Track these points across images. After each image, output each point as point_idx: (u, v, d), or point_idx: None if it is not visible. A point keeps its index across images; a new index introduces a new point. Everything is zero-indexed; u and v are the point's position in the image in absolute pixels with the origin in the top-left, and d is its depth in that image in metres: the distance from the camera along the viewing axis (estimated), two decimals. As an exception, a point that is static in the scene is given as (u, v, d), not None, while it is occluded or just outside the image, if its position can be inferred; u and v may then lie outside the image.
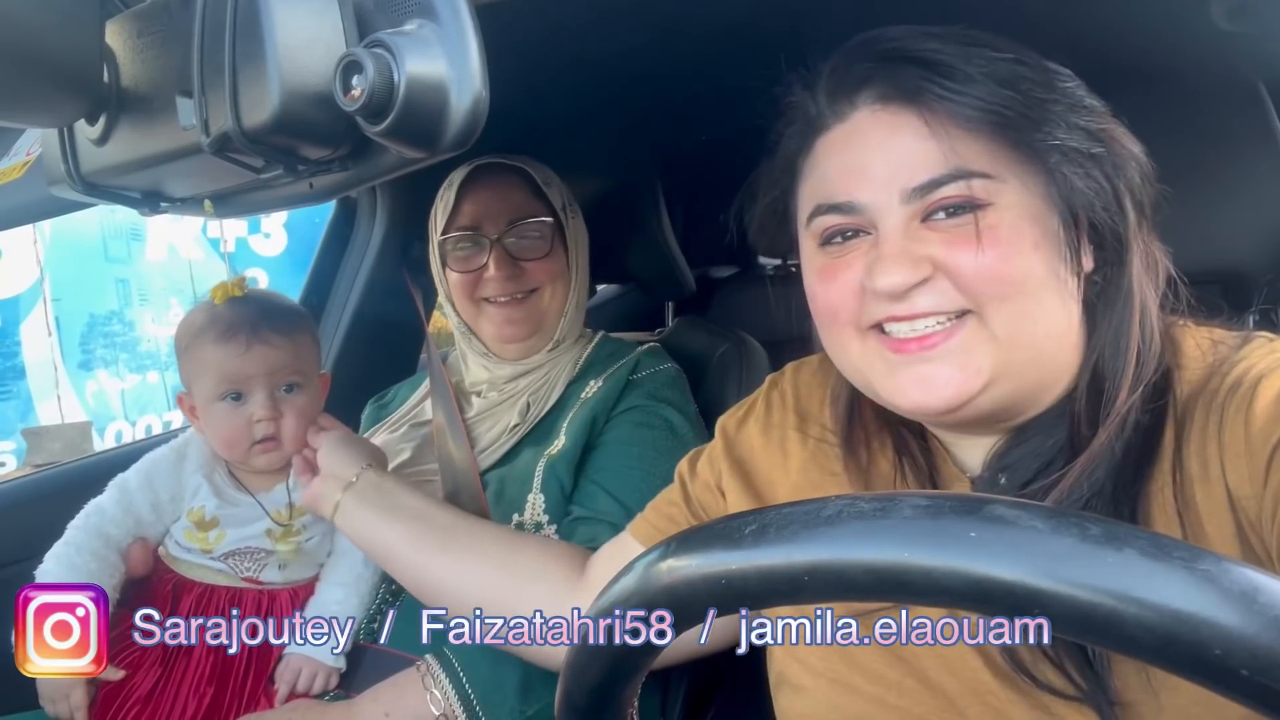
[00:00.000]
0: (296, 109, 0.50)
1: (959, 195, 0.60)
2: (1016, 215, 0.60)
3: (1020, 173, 0.61)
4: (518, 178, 1.26)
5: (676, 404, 1.20)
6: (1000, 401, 0.63)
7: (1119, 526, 0.32)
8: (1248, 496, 0.57)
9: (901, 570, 0.34)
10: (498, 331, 1.25)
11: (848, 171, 0.64)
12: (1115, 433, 0.61)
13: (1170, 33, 1.00)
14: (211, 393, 1.08)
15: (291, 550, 1.11)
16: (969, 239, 0.60)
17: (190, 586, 1.08)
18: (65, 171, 0.65)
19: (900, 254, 0.61)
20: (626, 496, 1.09)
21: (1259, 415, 0.57)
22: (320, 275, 1.72)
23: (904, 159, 0.62)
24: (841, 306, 0.65)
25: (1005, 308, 0.60)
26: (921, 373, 0.62)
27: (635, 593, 0.41)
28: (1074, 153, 0.60)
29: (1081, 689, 0.59)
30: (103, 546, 1.05)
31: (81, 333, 5.45)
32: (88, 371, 5.46)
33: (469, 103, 0.49)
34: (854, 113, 0.65)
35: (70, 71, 0.57)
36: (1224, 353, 0.63)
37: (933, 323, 0.61)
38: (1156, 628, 0.29)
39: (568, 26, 0.90)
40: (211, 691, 1.05)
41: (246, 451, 1.10)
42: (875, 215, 0.63)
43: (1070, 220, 0.61)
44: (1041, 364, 0.63)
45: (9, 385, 5.16)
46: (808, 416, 0.80)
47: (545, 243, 1.25)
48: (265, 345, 1.08)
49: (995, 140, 0.60)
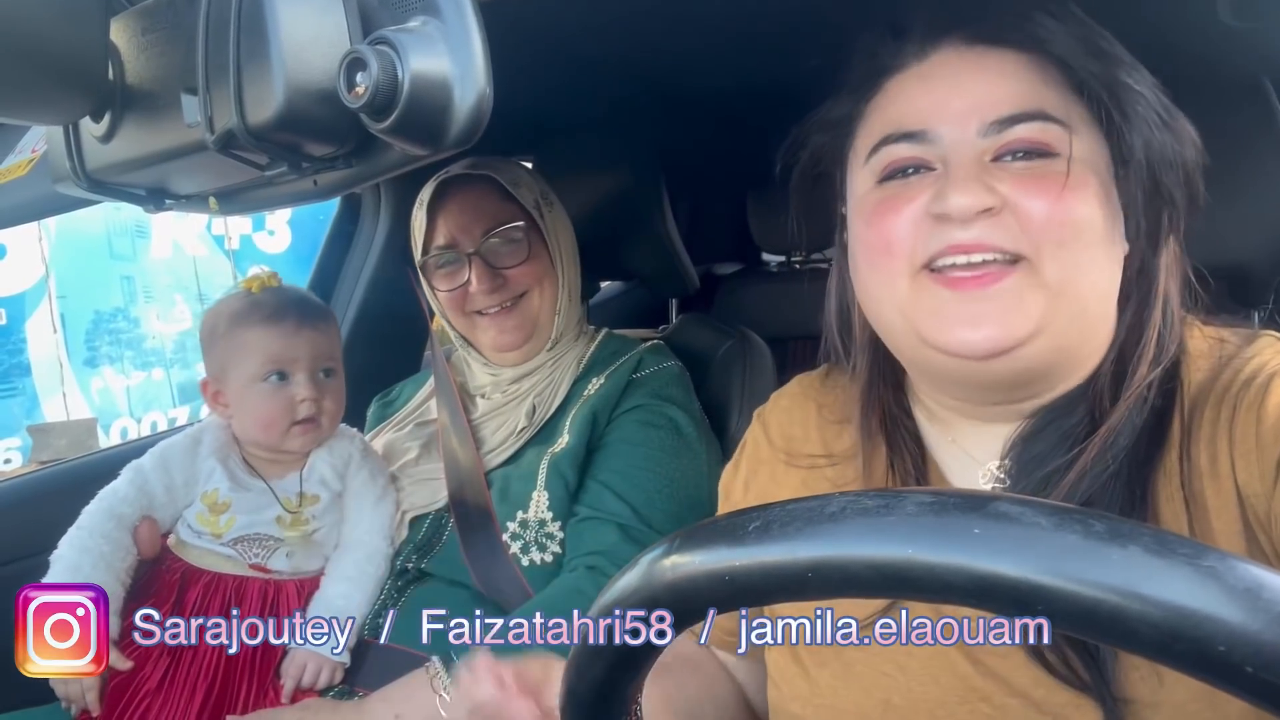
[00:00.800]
0: (301, 106, 0.50)
1: (1034, 137, 0.61)
2: (1086, 167, 0.61)
3: (1093, 128, 0.62)
4: (485, 185, 1.24)
5: (681, 403, 1.20)
6: (1040, 359, 0.62)
7: (1123, 523, 0.32)
8: (1257, 494, 0.57)
9: (905, 567, 0.34)
10: (493, 342, 1.25)
11: (926, 103, 0.64)
12: (1135, 407, 0.61)
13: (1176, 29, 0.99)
14: (255, 373, 1.11)
15: (299, 538, 1.12)
16: (1039, 180, 0.60)
17: (197, 576, 1.09)
18: (70, 169, 0.65)
19: (974, 178, 0.60)
20: (634, 497, 1.09)
21: (1271, 413, 0.57)
22: (324, 272, 1.72)
23: (986, 94, 0.62)
24: (898, 239, 0.63)
25: (1061, 254, 0.59)
26: (972, 311, 0.60)
27: (638, 590, 0.40)
28: (1153, 111, 0.61)
29: (1087, 684, 0.59)
30: (114, 528, 1.07)
31: (87, 329, 5.46)
32: (93, 368, 5.47)
33: (473, 100, 0.49)
34: (935, 52, 0.66)
35: (75, 68, 0.57)
36: (1230, 350, 0.63)
37: (990, 258, 0.60)
38: (1161, 624, 0.29)
39: (572, 23, 0.90)
40: (219, 683, 1.06)
41: (284, 432, 1.12)
42: (949, 147, 0.63)
43: (1140, 174, 0.62)
44: (1084, 323, 0.62)
45: (14, 382, 5.17)
46: (794, 448, 0.80)
47: (523, 246, 1.23)
48: (312, 329, 1.14)
49: (1075, 92, 0.61)
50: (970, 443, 0.70)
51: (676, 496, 1.11)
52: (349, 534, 1.15)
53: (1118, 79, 0.61)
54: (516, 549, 1.11)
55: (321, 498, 1.15)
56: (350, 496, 1.17)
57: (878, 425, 0.73)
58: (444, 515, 1.18)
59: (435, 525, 1.18)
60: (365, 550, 1.13)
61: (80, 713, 1.03)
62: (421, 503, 1.20)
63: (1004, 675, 0.62)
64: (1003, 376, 0.63)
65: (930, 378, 0.70)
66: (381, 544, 1.15)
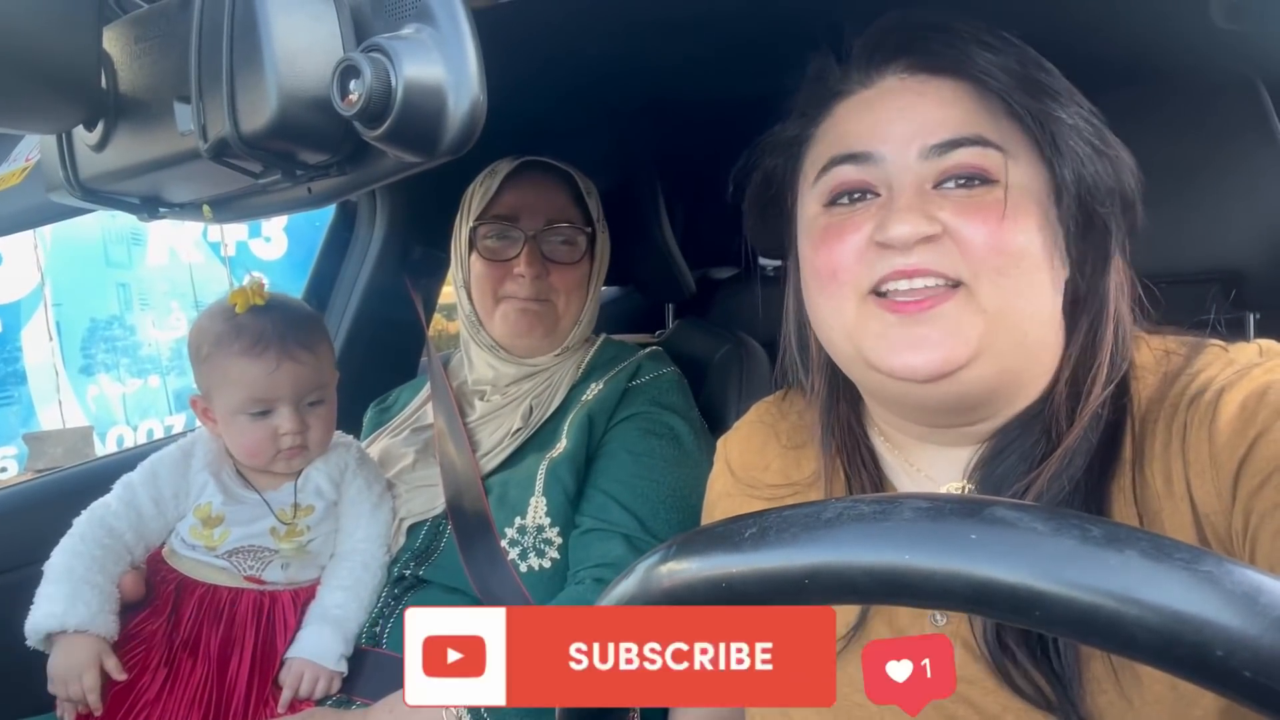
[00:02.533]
0: (294, 114, 0.50)
1: (974, 163, 0.62)
2: (1024, 194, 0.62)
3: (1031, 155, 0.63)
4: (562, 181, 1.27)
5: (681, 411, 1.20)
6: (984, 383, 0.63)
7: (1120, 528, 0.32)
8: (1216, 511, 0.57)
9: (902, 572, 0.33)
10: (511, 327, 1.24)
11: (869, 126, 0.66)
12: (1089, 426, 0.62)
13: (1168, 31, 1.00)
14: (236, 406, 1.08)
15: (294, 549, 1.11)
16: (978, 208, 0.61)
17: (193, 588, 1.08)
18: (64, 177, 0.65)
19: (915, 207, 0.62)
20: (639, 508, 1.09)
21: (1223, 429, 0.57)
22: (320, 279, 1.72)
23: (926, 120, 0.64)
24: (843, 266, 0.65)
25: (1000, 280, 0.61)
26: (915, 334, 0.62)
27: (636, 596, 0.40)
28: (1086, 143, 0.62)
29: (1050, 701, 0.59)
30: (106, 535, 1.06)
31: (82, 337, 5.45)
32: (89, 376, 5.46)
33: (467, 107, 0.49)
34: (880, 79, 0.67)
35: (68, 77, 0.57)
36: (1177, 363, 0.64)
37: (931, 283, 0.62)
38: (1158, 629, 0.29)
39: (567, 29, 0.90)
40: (217, 693, 1.05)
41: (270, 459, 1.11)
42: (892, 171, 0.64)
43: (1071, 205, 0.63)
44: (1025, 349, 0.63)
45: (10, 390, 5.16)
46: (754, 478, 0.81)
47: (577, 250, 1.25)
48: (293, 362, 1.08)
49: (1010, 123, 0.63)
50: (929, 466, 0.71)
51: (680, 507, 1.11)
52: (344, 542, 1.14)
53: (1049, 113, 0.62)
54: (515, 555, 1.11)
55: (316, 507, 1.14)
56: (345, 505, 1.16)
57: (837, 449, 0.74)
58: (442, 522, 1.18)
59: (433, 532, 1.18)
60: (361, 558, 1.13)
61: (78, 714, 1.02)
62: (419, 510, 1.20)
63: (975, 700, 0.62)
64: (948, 399, 0.64)
65: (882, 401, 0.71)
66: (378, 551, 1.15)
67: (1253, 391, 0.57)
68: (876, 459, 0.74)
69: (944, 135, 0.63)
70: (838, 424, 0.75)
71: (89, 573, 1.03)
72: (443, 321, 3.74)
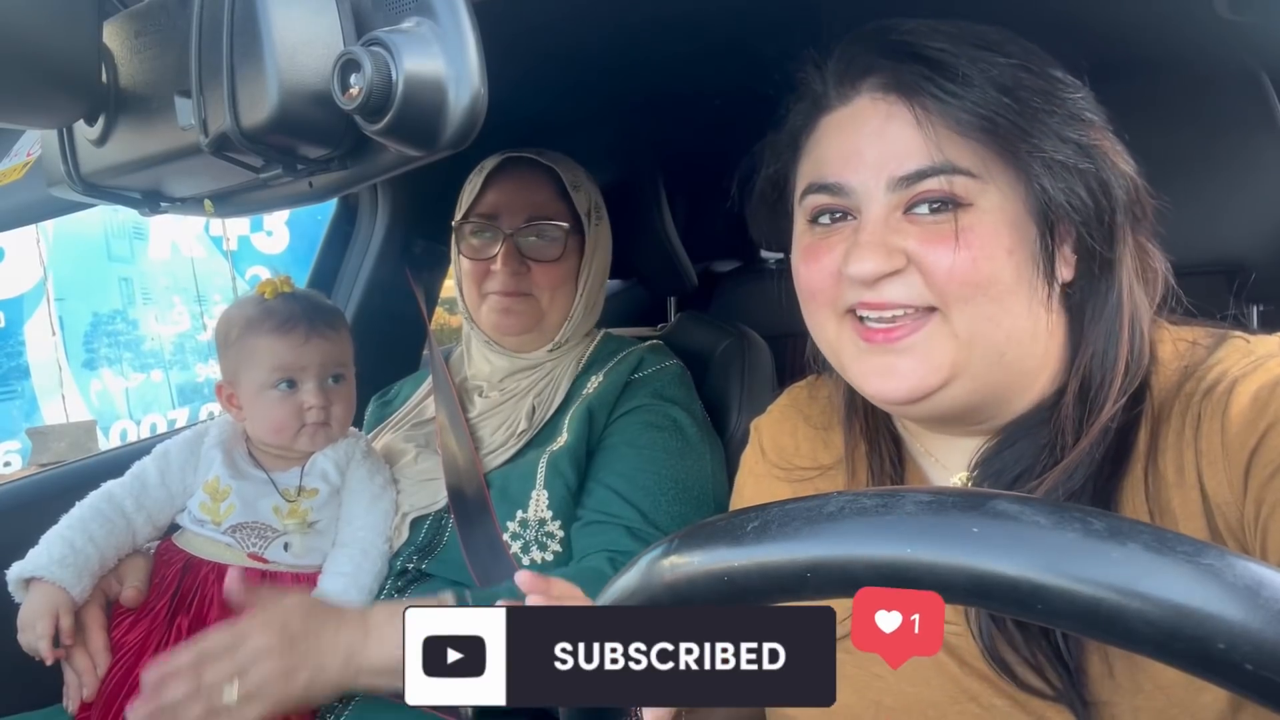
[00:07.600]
0: (295, 108, 0.50)
1: (941, 190, 0.61)
2: (995, 219, 0.61)
3: (1004, 178, 0.62)
4: (546, 176, 1.26)
5: (683, 403, 1.20)
6: (964, 400, 0.64)
7: (1122, 521, 0.32)
8: (1227, 502, 0.57)
9: (904, 566, 0.33)
10: (495, 324, 1.25)
11: (842, 154, 0.66)
12: (1096, 439, 0.62)
13: (1173, 22, 0.99)
14: (265, 381, 1.14)
15: (296, 526, 1.13)
16: (945, 237, 0.61)
17: (198, 567, 1.10)
18: (65, 172, 0.65)
19: (877, 243, 0.62)
20: (640, 500, 1.09)
21: (1235, 420, 0.57)
22: (322, 273, 1.72)
23: (895, 148, 0.63)
24: (820, 289, 0.67)
25: (969, 309, 0.61)
26: (885, 363, 0.64)
27: (637, 590, 0.40)
28: (1058, 166, 0.61)
29: (1056, 689, 0.59)
30: (103, 501, 1.10)
31: (85, 332, 5.46)
32: (92, 371, 5.47)
33: (467, 100, 0.49)
34: (857, 97, 0.66)
35: (68, 72, 0.57)
36: (1199, 355, 0.63)
37: (900, 314, 0.63)
38: (1160, 622, 0.29)
39: (568, 23, 0.90)
40: None
41: (295, 435, 1.15)
42: (861, 199, 0.64)
43: (1047, 230, 0.62)
44: (1004, 367, 0.63)
45: (13, 385, 5.17)
46: (786, 460, 0.82)
47: (557, 246, 1.24)
48: (321, 338, 1.16)
49: (983, 144, 0.61)
50: (944, 455, 0.72)
51: (682, 498, 1.11)
52: (345, 530, 1.16)
53: (1027, 134, 0.60)
54: (517, 548, 1.11)
55: (320, 491, 1.16)
56: (348, 493, 1.18)
57: (860, 431, 0.75)
58: (444, 516, 1.18)
59: (435, 526, 1.18)
60: (361, 546, 1.14)
61: (79, 712, 1.02)
62: (422, 504, 1.20)
63: (991, 676, 0.62)
64: (932, 414, 0.65)
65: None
66: (378, 541, 1.15)
67: (1265, 383, 0.57)
68: (899, 443, 0.75)
69: (911, 166, 0.62)
70: (859, 411, 0.75)
71: (70, 531, 1.05)
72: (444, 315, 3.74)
